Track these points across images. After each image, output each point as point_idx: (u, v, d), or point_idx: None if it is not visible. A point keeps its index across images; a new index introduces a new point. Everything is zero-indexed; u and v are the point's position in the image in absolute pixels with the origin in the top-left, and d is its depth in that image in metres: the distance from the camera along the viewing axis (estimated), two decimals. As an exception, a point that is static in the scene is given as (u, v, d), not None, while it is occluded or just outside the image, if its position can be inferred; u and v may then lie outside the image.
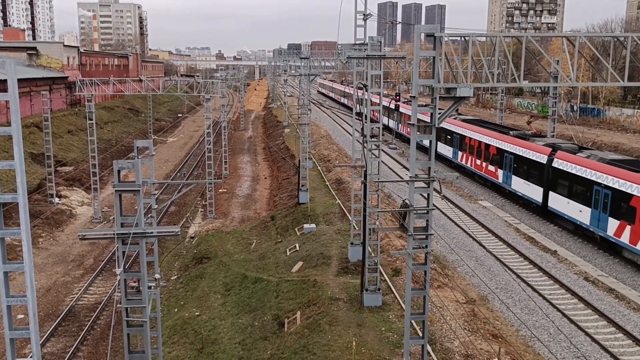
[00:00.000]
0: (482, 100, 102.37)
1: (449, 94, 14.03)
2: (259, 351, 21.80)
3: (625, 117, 70.92)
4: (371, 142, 23.62)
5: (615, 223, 28.28)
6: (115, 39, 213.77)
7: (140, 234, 11.40)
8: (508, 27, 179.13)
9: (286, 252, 31.67)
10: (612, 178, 28.69)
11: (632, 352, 20.11)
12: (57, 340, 26.26)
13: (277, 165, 61.54)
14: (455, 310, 21.97)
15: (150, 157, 13.66)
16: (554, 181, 33.79)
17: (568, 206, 32.18)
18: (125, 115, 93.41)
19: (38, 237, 38.67)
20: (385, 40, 23.77)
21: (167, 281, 32.06)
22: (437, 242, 30.18)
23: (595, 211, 29.87)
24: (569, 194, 32.20)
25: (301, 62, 50.02)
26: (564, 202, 32.64)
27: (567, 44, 16.91)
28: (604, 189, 29.16)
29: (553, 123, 45.27)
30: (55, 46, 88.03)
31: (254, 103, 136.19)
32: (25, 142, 52.29)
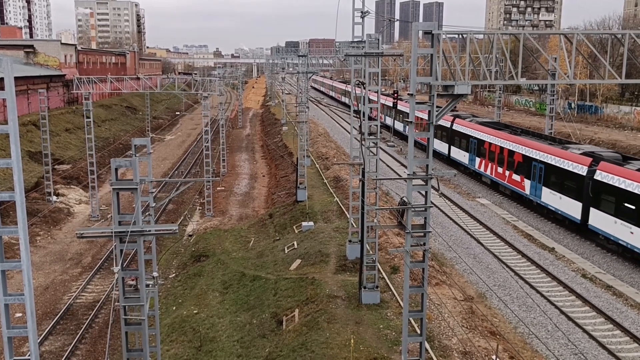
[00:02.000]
0: (480, 98, 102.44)
1: (447, 92, 14.02)
2: (258, 349, 21.82)
3: (622, 115, 71.01)
4: (369, 139, 23.62)
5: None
6: (113, 37, 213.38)
7: (138, 232, 11.39)
8: (506, 25, 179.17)
9: (284, 250, 31.68)
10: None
11: (629, 349, 20.17)
12: (55, 338, 26.24)
13: (275, 163, 61.53)
14: (453, 308, 22.00)
15: (148, 155, 13.65)
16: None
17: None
18: (122, 113, 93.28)
19: (36, 235, 38.62)
20: (383, 37, 23.76)
21: (165, 279, 32.05)
22: (435, 239, 30.21)
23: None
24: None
25: (299, 59, 49.96)
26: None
27: (565, 41, 16.91)
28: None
29: (551, 120, 45.36)
30: (53, 44, 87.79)
31: (252, 101, 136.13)
32: (23, 141, 52.20)
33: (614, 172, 28.65)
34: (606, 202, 28.97)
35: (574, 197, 31.62)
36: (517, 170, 38.41)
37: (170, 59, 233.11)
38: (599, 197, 29.48)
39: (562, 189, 32.83)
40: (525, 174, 37.37)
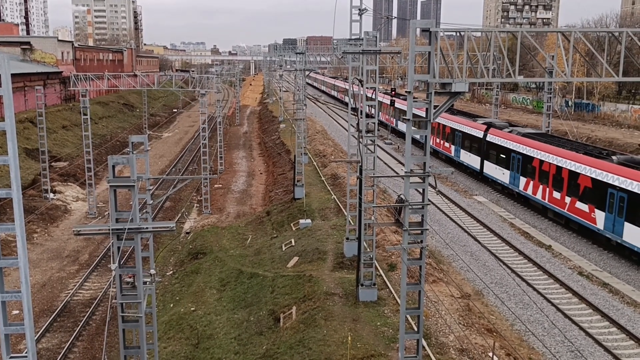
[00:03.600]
0: (478, 96, 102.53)
1: (444, 89, 14.04)
2: (255, 346, 21.84)
3: (619, 113, 71.12)
4: (367, 137, 23.63)
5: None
6: (110, 34, 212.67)
7: (135, 229, 11.39)
8: (503, 22, 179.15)
9: (282, 247, 31.69)
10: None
11: (625, 346, 20.24)
12: (53, 336, 26.23)
13: (273, 161, 61.50)
14: (450, 305, 22.05)
15: (145, 153, 13.62)
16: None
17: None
18: (120, 110, 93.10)
19: (33, 232, 38.56)
20: (380, 35, 23.74)
21: (163, 277, 32.04)
22: (432, 237, 30.25)
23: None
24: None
25: (297, 57, 49.93)
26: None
27: (562, 39, 16.93)
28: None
29: (548, 118, 45.43)
30: (49, 41, 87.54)
31: (250, 98, 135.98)
32: (20, 138, 52.07)
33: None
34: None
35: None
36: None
37: (167, 56, 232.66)
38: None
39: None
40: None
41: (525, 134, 39.33)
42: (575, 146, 34.80)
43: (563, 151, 33.60)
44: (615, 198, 28.28)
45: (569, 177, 32.16)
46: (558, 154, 33.71)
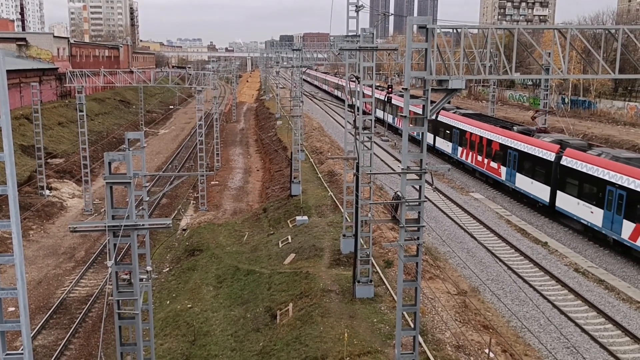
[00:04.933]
0: (474, 93, 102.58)
1: (441, 86, 14.03)
2: (252, 343, 21.85)
3: (615, 110, 71.28)
4: (363, 134, 23.62)
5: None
6: (106, 30, 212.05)
7: (131, 226, 11.36)
8: (500, 19, 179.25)
9: (278, 244, 31.69)
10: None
11: (621, 342, 20.33)
12: (49, 333, 26.18)
13: (270, 158, 61.45)
14: (447, 302, 22.09)
15: (142, 149, 13.58)
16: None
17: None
18: (116, 107, 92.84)
19: (29, 229, 38.46)
20: (377, 32, 23.73)
21: (159, 273, 32.01)
22: (428, 234, 30.29)
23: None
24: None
25: (293, 53, 49.84)
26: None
27: (559, 36, 16.94)
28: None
29: (544, 115, 45.53)
30: (45, 37, 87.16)
31: (246, 95, 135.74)
32: (15, 134, 51.87)
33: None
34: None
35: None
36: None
37: (164, 52, 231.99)
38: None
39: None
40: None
41: (464, 114, 48.17)
42: (495, 122, 43.62)
43: (485, 125, 42.12)
44: (511, 156, 37.82)
45: (486, 144, 41.33)
46: (481, 126, 42.37)
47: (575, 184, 31.56)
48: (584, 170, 30.69)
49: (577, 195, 31.32)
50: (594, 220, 29.79)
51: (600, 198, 29.27)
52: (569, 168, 32.06)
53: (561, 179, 32.91)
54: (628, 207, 27.29)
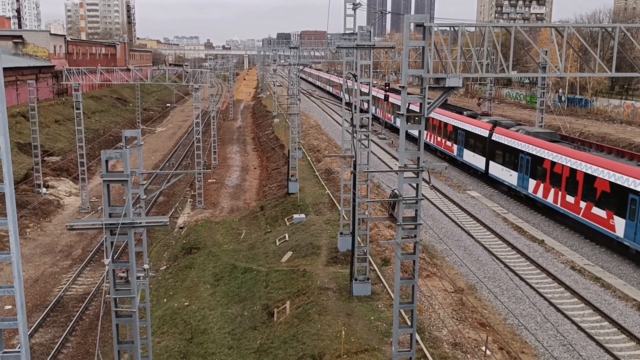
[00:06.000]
0: (471, 91, 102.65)
1: (438, 84, 14.04)
2: (249, 341, 21.87)
3: (612, 108, 71.41)
4: (360, 132, 23.62)
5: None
6: (103, 28, 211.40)
7: (128, 224, 11.35)
8: (497, 18, 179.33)
9: (276, 242, 31.69)
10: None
11: (617, 340, 20.39)
12: (46, 330, 26.16)
13: (267, 156, 61.42)
14: (444, 300, 22.14)
15: (139, 147, 13.58)
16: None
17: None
18: (113, 104, 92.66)
19: (25, 227, 38.39)
20: (374, 30, 23.73)
21: (156, 271, 32.00)
22: (425, 231, 30.33)
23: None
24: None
25: (290, 51, 49.80)
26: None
27: (556, 34, 16.97)
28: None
29: (541, 113, 45.62)
30: (42, 34, 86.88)
31: (243, 93, 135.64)
32: (12, 132, 51.70)
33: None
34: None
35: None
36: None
37: (160, 50, 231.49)
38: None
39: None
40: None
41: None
42: (451, 109, 50.08)
43: (443, 111, 48.51)
44: (460, 136, 45.17)
45: (443, 127, 48.50)
46: (440, 112, 48.52)
47: (501, 154, 39.36)
48: (506, 142, 38.64)
49: (502, 163, 39.21)
50: (512, 181, 37.79)
51: (515, 163, 37.26)
52: (496, 142, 39.94)
53: (491, 151, 40.69)
54: (532, 169, 35.15)
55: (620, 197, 27.00)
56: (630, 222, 26.46)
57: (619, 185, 27.09)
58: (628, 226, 26.58)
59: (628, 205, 26.43)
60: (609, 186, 27.88)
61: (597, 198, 28.74)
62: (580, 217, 30.29)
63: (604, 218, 28.29)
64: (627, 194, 26.55)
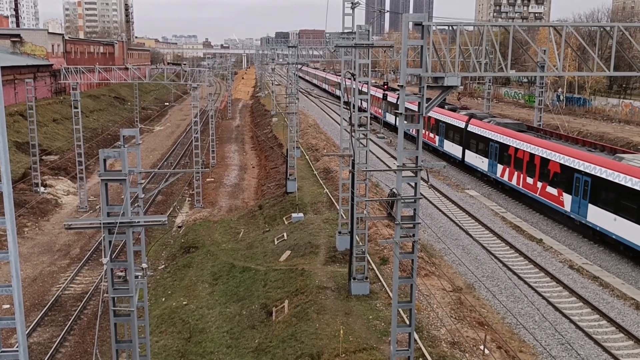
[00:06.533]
0: (470, 90, 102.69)
1: (437, 83, 14.04)
2: (247, 340, 21.86)
3: (610, 107, 71.47)
4: (359, 131, 23.62)
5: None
6: (101, 27, 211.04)
7: (127, 223, 11.33)
8: (496, 17, 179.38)
9: (274, 241, 31.68)
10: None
11: (615, 338, 20.42)
12: (44, 330, 26.13)
13: (265, 155, 61.40)
14: (442, 299, 22.15)
15: (137, 146, 13.55)
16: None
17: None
18: (111, 103, 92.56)
19: (23, 226, 38.34)
20: (373, 29, 23.73)
21: (155, 270, 31.98)
22: (424, 231, 30.34)
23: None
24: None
25: (289, 50, 49.79)
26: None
27: (554, 33, 16.97)
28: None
29: (539, 112, 45.67)
30: (40, 33, 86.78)
31: (242, 92, 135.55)
32: (10, 131, 51.63)
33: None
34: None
35: None
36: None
37: (159, 49, 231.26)
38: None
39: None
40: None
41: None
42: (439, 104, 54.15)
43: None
44: (441, 127, 48.67)
45: (427, 120, 51.10)
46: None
47: (474, 143, 42.96)
48: (479, 132, 42.25)
49: (475, 151, 42.91)
50: (483, 167, 41.57)
51: (486, 151, 40.86)
52: (471, 132, 43.55)
53: (467, 141, 44.31)
54: (499, 155, 38.90)
55: (568, 176, 30.96)
56: (575, 197, 30.46)
57: (567, 166, 31.12)
58: (573, 202, 30.61)
59: (573, 183, 30.51)
60: (559, 167, 31.91)
61: (550, 178, 32.78)
62: (537, 195, 34.34)
63: (556, 195, 32.33)
64: (572, 173, 30.55)
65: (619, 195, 27.05)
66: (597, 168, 28.62)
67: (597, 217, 28.60)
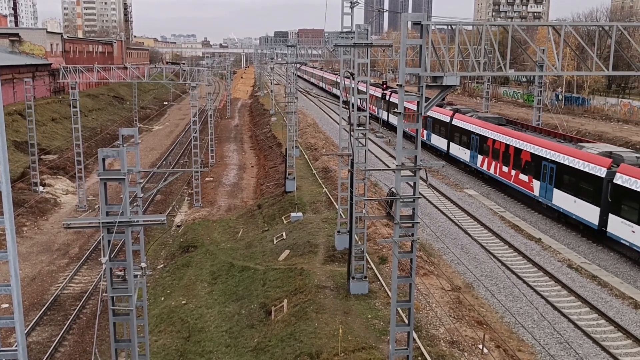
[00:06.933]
0: (469, 89, 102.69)
1: (436, 83, 14.05)
2: (246, 339, 21.87)
3: (609, 106, 71.51)
4: (358, 130, 23.62)
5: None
6: (100, 26, 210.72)
7: (125, 222, 11.33)
8: (494, 16, 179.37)
9: (273, 240, 31.69)
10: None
11: (614, 337, 20.45)
12: (43, 329, 26.12)
13: (264, 154, 61.39)
14: (441, 298, 22.17)
15: (136, 146, 13.55)
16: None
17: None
18: (110, 103, 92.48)
19: (22, 226, 38.32)
20: (372, 28, 23.74)
21: (154, 270, 31.97)
22: (423, 230, 30.36)
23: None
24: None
25: (288, 50, 49.80)
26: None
27: (553, 33, 16.99)
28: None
29: (538, 112, 45.71)
30: (38, 32, 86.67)
31: (241, 91, 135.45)
32: (9, 130, 51.59)
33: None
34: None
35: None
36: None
37: (158, 48, 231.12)
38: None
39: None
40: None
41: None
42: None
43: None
44: (429, 122, 50.19)
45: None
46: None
47: (458, 136, 45.81)
48: (461, 126, 45.17)
49: (459, 143, 45.67)
50: (465, 158, 44.56)
51: (468, 143, 43.88)
52: (455, 125, 46.43)
53: (451, 134, 47.04)
54: (480, 147, 41.99)
55: (537, 164, 34.16)
56: (542, 183, 33.63)
57: (536, 155, 34.34)
58: (541, 187, 33.82)
59: (541, 170, 33.67)
60: (530, 156, 35.16)
61: (522, 166, 35.98)
62: (511, 182, 37.66)
63: (527, 182, 35.56)
64: (540, 161, 33.74)
65: (578, 179, 30.32)
66: (561, 156, 31.88)
67: (560, 200, 31.92)
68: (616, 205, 27.32)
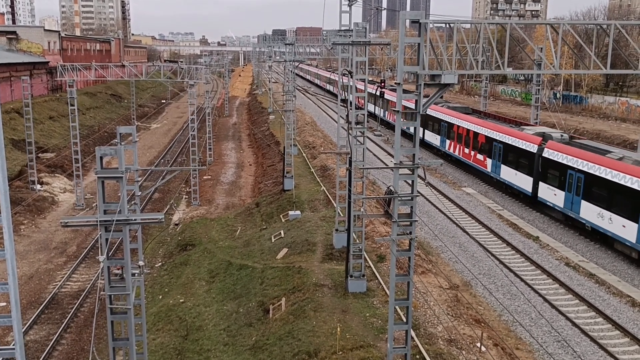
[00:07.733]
0: (466, 88, 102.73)
1: (434, 81, 14.04)
2: (244, 337, 21.86)
3: (607, 105, 71.61)
4: (356, 129, 23.61)
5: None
6: (97, 24, 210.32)
7: (123, 221, 11.31)
8: (492, 14, 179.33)
9: (271, 238, 31.68)
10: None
11: (611, 335, 20.50)
12: (40, 328, 26.09)
13: (262, 152, 61.35)
14: (439, 296, 22.18)
15: (134, 144, 13.51)
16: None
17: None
18: (107, 101, 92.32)
19: (20, 224, 38.25)
20: (370, 26, 23.73)
21: (151, 268, 31.95)
22: (421, 228, 30.38)
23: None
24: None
25: (286, 48, 49.76)
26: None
27: (551, 31, 16.98)
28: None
29: (536, 110, 45.73)
30: (36, 30, 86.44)
31: (239, 89, 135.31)
32: (6, 128, 51.50)
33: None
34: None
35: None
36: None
37: (155, 46, 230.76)
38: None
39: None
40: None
41: (390, 89, 59.35)
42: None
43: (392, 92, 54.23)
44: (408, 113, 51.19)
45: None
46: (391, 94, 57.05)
47: (431, 124, 51.17)
48: (434, 115, 50.04)
49: (432, 131, 51.34)
50: (437, 143, 50.34)
51: (438, 130, 49.84)
52: (428, 115, 50.11)
53: (426, 122, 51.48)
54: (447, 132, 48.06)
55: (489, 145, 40.25)
56: (493, 160, 39.73)
57: (489, 137, 40.53)
58: (492, 164, 39.89)
59: (492, 150, 39.72)
60: (484, 139, 41.17)
61: (479, 147, 41.97)
62: (470, 161, 43.63)
63: (482, 160, 41.63)
64: (492, 142, 39.84)
65: (517, 155, 36.36)
66: (506, 137, 38.20)
67: (506, 174, 38.11)
68: (544, 175, 33.35)
